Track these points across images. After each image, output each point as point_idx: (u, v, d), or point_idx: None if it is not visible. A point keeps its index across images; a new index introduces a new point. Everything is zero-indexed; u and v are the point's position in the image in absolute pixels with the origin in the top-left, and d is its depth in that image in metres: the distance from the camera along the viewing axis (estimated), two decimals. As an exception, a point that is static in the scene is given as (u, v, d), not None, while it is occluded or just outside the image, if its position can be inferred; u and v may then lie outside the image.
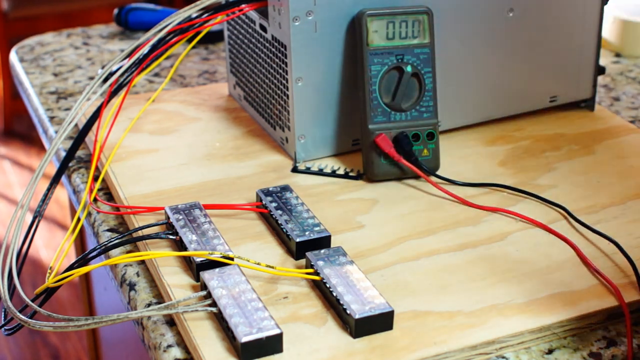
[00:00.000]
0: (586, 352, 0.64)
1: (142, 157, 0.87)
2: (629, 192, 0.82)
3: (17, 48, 1.20)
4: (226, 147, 0.89)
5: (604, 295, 0.67)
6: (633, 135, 0.92)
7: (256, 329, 0.61)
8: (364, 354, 0.62)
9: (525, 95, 0.94)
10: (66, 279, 0.68)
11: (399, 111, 0.82)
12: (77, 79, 1.10)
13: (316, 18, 0.81)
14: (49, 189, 0.82)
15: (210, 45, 1.20)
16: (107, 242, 0.73)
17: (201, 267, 0.68)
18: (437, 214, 0.78)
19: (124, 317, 0.63)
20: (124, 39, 1.23)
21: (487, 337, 0.63)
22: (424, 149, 0.83)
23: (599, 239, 0.74)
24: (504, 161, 0.87)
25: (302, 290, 0.68)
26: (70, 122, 0.84)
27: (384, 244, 0.74)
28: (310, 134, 0.85)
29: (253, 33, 0.89)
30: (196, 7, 0.85)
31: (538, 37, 0.91)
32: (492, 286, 0.68)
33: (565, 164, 0.87)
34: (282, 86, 0.85)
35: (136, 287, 0.71)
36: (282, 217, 0.74)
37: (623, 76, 1.10)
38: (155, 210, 0.77)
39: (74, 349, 2.08)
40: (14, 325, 0.70)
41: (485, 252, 0.73)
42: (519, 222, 0.77)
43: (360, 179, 0.83)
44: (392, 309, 0.63)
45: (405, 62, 0.82)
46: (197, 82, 1.08)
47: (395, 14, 0.81)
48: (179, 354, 0.63)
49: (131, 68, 0.87)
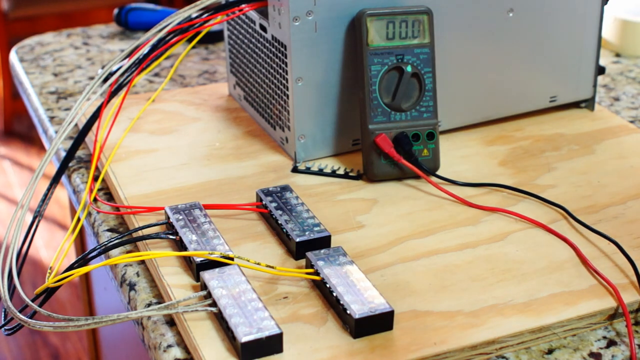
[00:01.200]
0: (586, 352, 0.64)
1: (142, 157, 0.87)
2: (629, 192, 0.82)
3: (17, 48, 1.20)
4: (226, 147, 0.89)
5: (603, 295, 0.67)
6: (633, 135, 0.92)
7: (256, 329, 0.61)
8: (364, 354, 0.61)
9: (525, 95, 0.94)
10: (66, 279, 0.68)
11: (399, 111, 0.82)
12: (77, 79, 1.10)
13: (316, 18, 0.81)
14: (49, 189, 0.82)
15: (210, 45, 1.20)
16: (107, 242, 0.73)
17: (201, 267, 0.68)
18: (437, 214, 0.78)
19: (124, 317, 0.63)
20: (124, 39, 1.23)
21: (487, 337, 0.63)
22: (424, 149, 0.83)
23: (599, 239, 0.74)
24: (504, 161, 0.87)
25: (302, 290, 0.68)
26: (70, 122, 0.84)
27: (384, 244, 0.74)
28: (310, 134, 0.85)
29: (253, 33, 0.89)
30: (196, 7, 0.85)
31: (538, 37, 0.91)
32: (492, 286, 0.68)
33: (565, 164, 0.87)
34: (282, 86, 0.85)
35: (136, 287, 0.71)
36: (282, 217, 0.74)
37: (623, 76, 1.10)
38: (155, 210, 0.77)
39: (74, 349, 2.08)
40: (14, 325, 0.70)
41: (485, 252, 0.73)
42: (519, 222, 0.77)
43: (360, 179, 0.83)
44: (392, 309, 0.63)
45: (405, 62, 0.82)
46: (197, 82, 1.08)
47: (395, 14, 0.81)
48: (179, 354, 0.63)
49: (131, 68, 0.87)
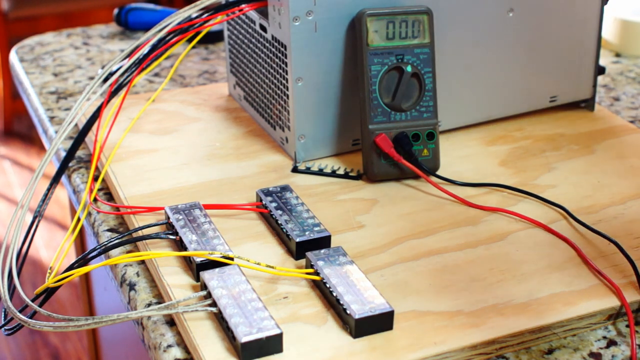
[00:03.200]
0: (586, 352, 0.64)
1: (142, 157, 0.87)
2: (629, 192, 0.82)
3: (17, 48, 1.20)
4: (226, 147, 0.89)
5: (604, 295, 0.67)
6: (633, 135, 0.92)
7: (256, 329, 0.61)
8: (364, 354, 0.61)
9: (525, 95, 0.94)
10: (66, 279, 0.68)
11: (399, 111, 0.82)
12: (77, 79, 1.10)
13: (316, 18, 0.81)
14: (49, 189, 0.82)
15: (210, 45, 1.20)
16: (107, 242, 0.73)
17: (201, 267, 0.68)
18: (437, 214, 0.78)
19: (124, 317, 0.63)
20: (124, 39, 1.23)
21: (487, 337, 0.63)
22: (424, 149, 0.83)
23: (599, 239, 0.74)
24: (504, 161, 0.87)
25: (302, 290, 0.68)
26: (70, 122, 0.84)
27: (384, 244, 0.74)
28: (310, 134, 0.85)
29: (253, 33, 0.89)
30: (196, 7, 0.85)
31: (538, 37, 0.91)
32: (492, 286, 0.68)
33: (565, 164, 0.87)
34: (282, 86, 0.85)
35: (136, 287, 0.71)
36: (282, 217, 0.74)
37: (623, 76, 1.10)
38: (155, 210, 0.77)
39: (74, 349, 2.08)
40: (14, 325, 0.70)
41: (485, 252, 0.73)
42: (519, 222, 0.77)
43: (360, 179, 0.83)
44: (392, 309, 0.63)
45: (405, 62, 0.82)
46: (197, 82, 1.08)
47: (395, 14, 0.81)
48: (179, 354, 0.63)
49: (131, 68, 0.87)
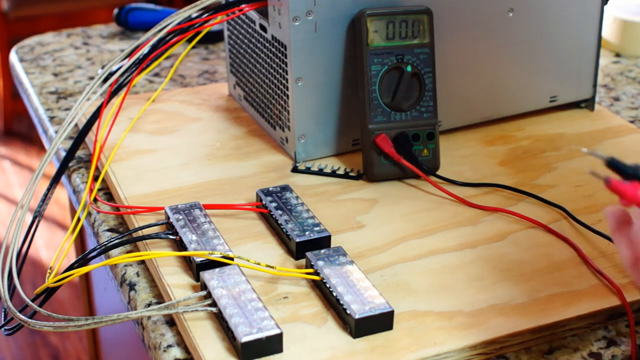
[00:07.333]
0: (586, 352, 0.64)
1: (142, 157, 0.87)
2: (629, 192, 0.82)
3: (17, 48, 1.20)
4: (226, 147, 0.89)
5: (604, 295, 0.67)
6: (633, 135, 0.92)
7: (256, 329, 0.61)
8: (364, 354, 0.61)
9: (525, 95, 0.94)
10: (66, 279, 0.68)
11: (399, 111, 0.82)
12: (77, 79, 1.10)
13: (316, 18, 0.81)
14: (49, 189, 0.82)
15: (210, 45, 1.20)
16: (107, 242, 0.73)
17: (201, 267, 0.68)
18: (437, 214, 0.78)
19: (124, 317, 0.63)
20: (124, 39, 1.23)
21: (487, 337, 0.63)
22: (424, 149, 0.83)
23: (599, 239, 0.74)
24: (504, 161, 0.87)
25: (302, 290, 0.68)
26: (70, 122, 0.84)
27: (384, 244, 0.74)
28: (310, 134, 0.85)
29: (253, 33, 0.89)
30: (196, 7, 0.85)
31: (538, 37, 0.91)
32: (492, 286, 0.68)
33: (565, 164, 0.87)
34: (282, 86, 0.85)
35: (136, 287, 0.71)
36: (282, 217, 0.74)
37: (623, 76, 1.10)
38: (155, 210, 0.77)
39: (74, 349, 2.08)
40: (14, 325, 0.70)
41: (485, 252, 0.73)
42: (519, 222, 0.77)
43: (360, 179, 0.83)
44: (392, 309, 0.63)
45: (405, 62, 0.82)
46: (197, 82, 1.08)
47: (395, 14, 0.81)
48: (179, 354, 0.63)
49: (131, 68, 0.87)
